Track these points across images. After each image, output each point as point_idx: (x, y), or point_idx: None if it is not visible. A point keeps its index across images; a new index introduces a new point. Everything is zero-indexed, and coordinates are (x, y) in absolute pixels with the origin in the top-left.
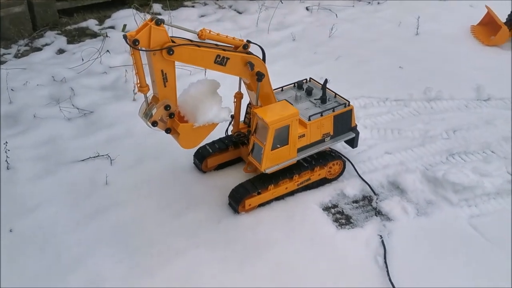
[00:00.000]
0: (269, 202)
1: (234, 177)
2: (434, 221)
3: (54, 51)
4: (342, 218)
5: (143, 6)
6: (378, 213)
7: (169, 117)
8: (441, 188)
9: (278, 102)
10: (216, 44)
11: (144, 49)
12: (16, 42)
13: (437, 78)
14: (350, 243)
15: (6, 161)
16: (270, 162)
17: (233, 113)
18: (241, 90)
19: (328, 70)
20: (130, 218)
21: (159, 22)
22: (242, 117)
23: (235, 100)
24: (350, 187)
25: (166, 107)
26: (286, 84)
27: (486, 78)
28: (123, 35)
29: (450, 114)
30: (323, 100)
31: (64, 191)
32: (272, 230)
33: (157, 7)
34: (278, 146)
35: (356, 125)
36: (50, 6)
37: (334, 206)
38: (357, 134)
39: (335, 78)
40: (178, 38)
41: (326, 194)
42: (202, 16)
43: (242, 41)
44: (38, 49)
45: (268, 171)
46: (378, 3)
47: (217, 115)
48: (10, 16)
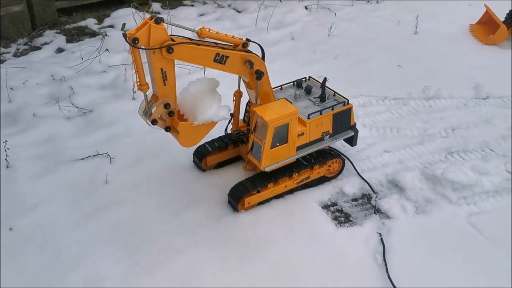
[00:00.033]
0: (268, 200)
1: (234, 175)
2: (433, 219)
3: (53, 50)
4: (341, 216)
5: (142, 5)
6: (377, 211)
7: (168, 115)
8: (440, 186)
9: (277, 100)
10: (215, 42)
11: (143, 47)
12: (15, 41)
13: (436, 76)
14: (349, 241)
15: (6, 159)
16: (269, 161)
17: (232, 111)
18: (240, 89)
19: (327, 69)
20: (129, 216)
21: (159, 20)
22: (242, 115)
23: (235, 98)
24: (349, 186)
25: (166, 106)
26: (285, 82)
27: (484, 76)
28: (123, 34)
29: (449, 112)
30: (322, 98)
31: (63, 190)
32: (271, 228)
33: (156, 6)
34: (278, 144)
35: (355, 123)
36: (49, 5)
37: (333, 204)
38: (356, 132)
39: (334, 77)
40: (177, 36)
41: (325, 192)
42: (201, 15)
43: (242, 39)
44: (37, 48)
45: (267, 170)
46: (377, 2)
47: (216, 114)
48: (9, 15)
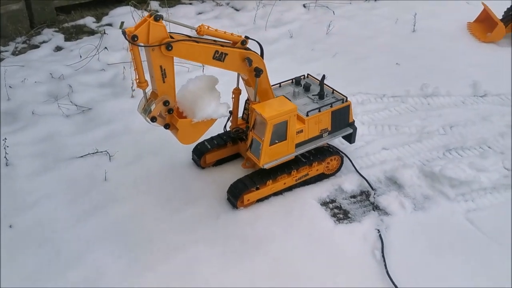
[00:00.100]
0: (267, 198)
1: (233, 173)
2: (431, 215)
3: (52, 49)
4: (340, 213)
5: (141, 3)
6: (376, 208)
7: (168, 112)
8: (438, 183)
9: (276, 98)
10: (214, 40)
11: (142, 44)
12: (13, 39)
13: (434, 74)
14: (348, 238)
15: (5, 157)
16: (268, 158)
17: (231, 109)
18: (239, 86)
19: (325, 67)
20: (129, 214)
21: (158, 18)
22: (241, 113)
23: (233, 96)
24: (348, 183)
25: (165, 103)
26: (284, 80)
27: (482, 74)
28: (122, 31)
29: (447, 110)
30: (321, 96)
31: (63, 188)
32: (270, 225)
33: (154, 4)
34: (276, 141)
35: (353, 120)
36: (48, 3)
37: (332, 201)
38: (354, 129)
39: (333, 75)
40: (176, 34)
41: (324, 189)
42: (199, 13)
43: (240, 37)
44: (36, 46)
45: (266, 167)
46: (375, 1)
47: (215, 111)
48: (7, 13)
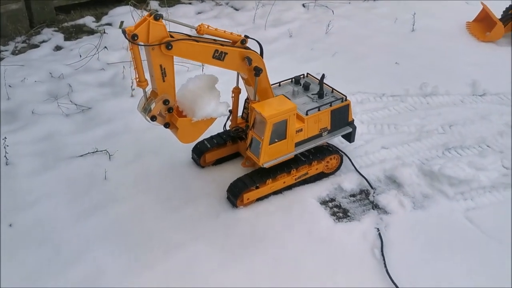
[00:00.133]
0: (267, 196)
1: (233, 172)
2: (431, 214)
3: (52, 48)
4: (339, 212)
5: (140, 3)
6: (375, 206)
7: (167, 111)
8: (437, 182)
9: (275, 97)
10: (214, 39)
11: (142, 44)
12: (13, 39)
13: (433, 73)
14: (348, 236)
15: (5, 156)
16: (268, 157)
17: (231, 108)
18: (239, 85)
19: (324, 66)
20: (129, 212)
21: (158, 17)
22: (240, 112)
23: (233, 95)
24: (347, 181)
25: (165, 102)
26: (284, 79)
27: (481, 73)
28: (122, 30)
29: (446, 109)
30: (321, 95)
31: (63, 187)
32: (270, 224)
33: (154, 4)
34: (276, 140)
35: (353, 119)
36: (47, 3)
37: (332, 200)
38: (354, 128)
39: (332, 74)
40: (176, 33)
41: (323, 188)
42: (199, 13)
43: (240, 36)
44: (35, 46)
45: (266, 166)
46: (374, 0)
47: (215, 110)
48: (7, 13)
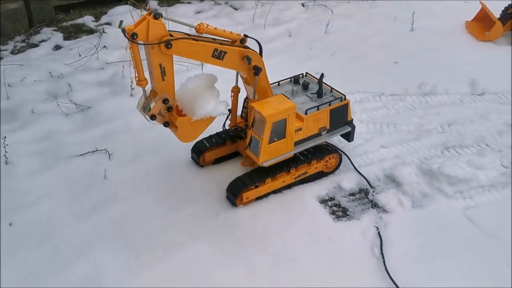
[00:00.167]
0: (266, 195)
1: (232, 171)
2: (430, 213)
3: (51, 47)
4: (339, 211)
5: (139, 2)
6: (375, 205)
7: (167, 110)
8: (436, 180)
9: (274, 96)
10: (213, 38)
11: (142, 42)
12: (12, 38)
13: (432, 73)
14: (347, 235)
15: (5, 156)
16: (267, 156)
17: (230, 107)
18: (238, 85)
19: (324, 65)
20: (129, 211)
21: (157, 16)
22: (240, 111)
23: (232, 94)
24: (346, 180)
25: (165, 101)
26: (283, 79)
27: (480, 73)
28: (122, 29)
29: (445, 108)
30: (320, 94)
31: (63, 186)
32: (270, 223)
33: (153, 4)
34: (275, 139)
35: (352, 119)
36: (46, 2)
37: (331, 199)
38: (353, 128)
39: (331, 73)
40: (176, 32)
41: (323, 187)
42: (198, 12)
43: (239, 35)
44: (35, 45)
45: (265, 165)
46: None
47: (214, 109)
48: (6, 12)
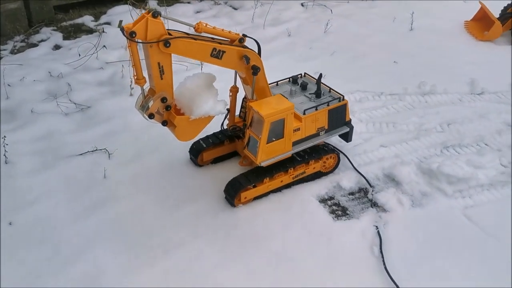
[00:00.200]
0: (266, 195)
1: (231, 170)
2: (429, 212)
3: (50, 47)
4: (338, 210)
5: (139, 2)
6: (374, 204)
7: (165, 109)
8: (435, 180)
9: (273, 96)
10: (212, 37)
11: (140, 41)
12: (12, 38)
13: (431, 72)
14: (347, 234)
15: (5, 155)
16: (265, 155)
17: (228, 106)
18: (236, 84)
19: (323, 65)
20: (128, 211)
21: (156, 14)
22: (238, 111)
23: (231, 94)
24: (346, 180)
25: (163, 100)
26: (281, 79)
27: (479, 72)
28: (120, 28)
29: (444, 107)
30: (318, 94)
31: (62, 185)
32: (270, 222)
33: (152, 3)
34: (274, 139)
35: (350, 119)
36: (46, 2)
37: (331, 198)
38: (351, 128)
39: (331, 73)
40: (175, 31)
41: (322, 187)
42: (198, 12)
43: (238, 35)
44: (34, 45)
45: (263, 164)
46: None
47: (213, 108)
48: (6, 12)
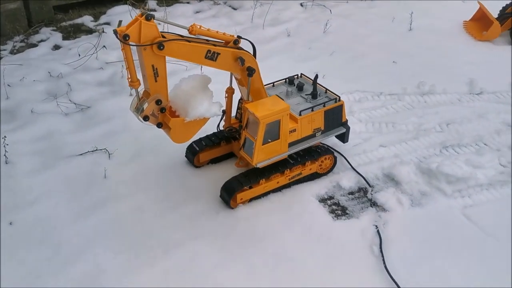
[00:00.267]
0: (266, 194)
1: (229, 172)
2: (429, 211)
3: (50, 47)
4: (338, 209)
5: (138, 2)
6: (374, 204)
7: (160, 111)
8: (435, 179)
9: (269, 97)
10: (207, 39)
11: (134, 44)
12: (11, 38)
13: (430, 72)
14: (347, 234)
15: (5, 155)
16: (261, 157)
17: (224, 108)
18: (232, 86)
19: (322, 65)
20: (128, 210)
21: (149, 17)
22: (234, 112)
23: (227, 95)
24: (345, 179)
25: (157, 102)
26: (277, 80)
27: (478, 72)
28: (114, 30)
29: (443, 107)
30: (314, 95)
31: (62, 185)
32: (269, 222)
33: (152, 4)
34: (269, 140)
35: (346, 120)
36: (45, 2)
37: (330, 197)
38: (347, 129)
39: (330, 73)
40: (169, 33)
41: (322, 186)
42: (197, 12)
43: (233, 36)
44: (34, 45)
45: (259, 165)
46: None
47: (208, 110)
48: (5, 12)
